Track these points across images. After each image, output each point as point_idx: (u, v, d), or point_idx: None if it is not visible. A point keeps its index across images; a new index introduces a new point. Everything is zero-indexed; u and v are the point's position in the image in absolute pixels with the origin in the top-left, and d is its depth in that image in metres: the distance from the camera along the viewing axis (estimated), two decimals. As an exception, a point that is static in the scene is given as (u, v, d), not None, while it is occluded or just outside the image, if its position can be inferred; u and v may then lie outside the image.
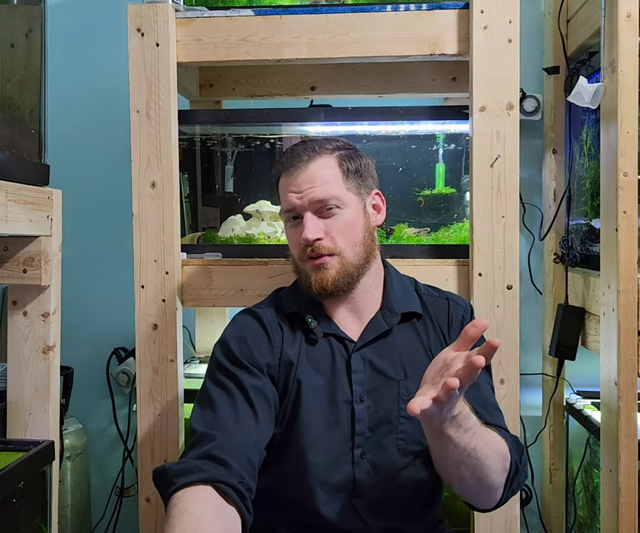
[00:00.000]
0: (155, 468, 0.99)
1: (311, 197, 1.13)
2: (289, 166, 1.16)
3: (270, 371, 1.13)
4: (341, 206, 1.14)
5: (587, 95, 1.45)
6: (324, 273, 1.13)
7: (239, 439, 1.02)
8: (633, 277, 1.41)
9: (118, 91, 1.68)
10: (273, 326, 1.17)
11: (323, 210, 1.14)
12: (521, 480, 1.08)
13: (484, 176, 1.41)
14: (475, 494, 1.05)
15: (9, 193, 1.18)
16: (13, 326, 1.35)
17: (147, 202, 1.44)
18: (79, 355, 1.92)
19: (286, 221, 1.19)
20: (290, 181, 1.15)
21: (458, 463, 0.97)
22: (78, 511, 1.89)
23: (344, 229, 1.14)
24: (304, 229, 1.13)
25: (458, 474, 0.99)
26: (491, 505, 1.07)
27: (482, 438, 0.97)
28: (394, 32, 1.43)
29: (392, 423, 1.13)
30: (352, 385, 1.14)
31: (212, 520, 0.89)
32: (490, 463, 0.98)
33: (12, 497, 1.20)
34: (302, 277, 1.18)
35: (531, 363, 1.96)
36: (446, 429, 0.92)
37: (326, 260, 1.13)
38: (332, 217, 1.14)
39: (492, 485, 1.02)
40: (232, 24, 1.45)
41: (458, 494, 1.09)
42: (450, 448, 0.95)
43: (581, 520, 1.80)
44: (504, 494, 1.05)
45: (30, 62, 1.34)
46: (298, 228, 1.15)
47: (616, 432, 1.42)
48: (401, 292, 1.22)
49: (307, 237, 1.12)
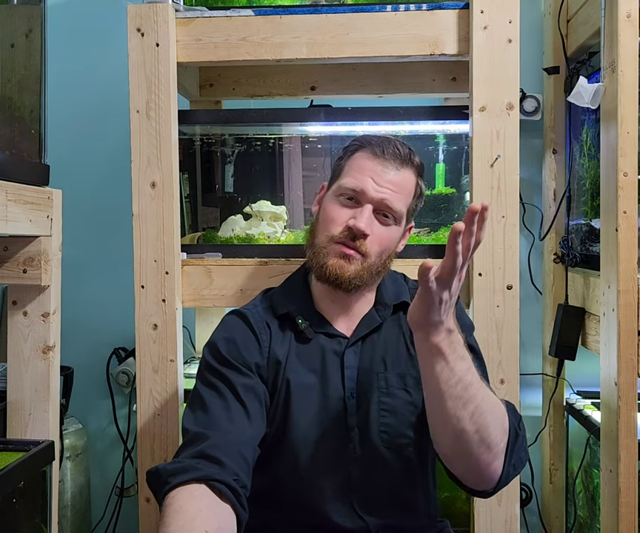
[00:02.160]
0: (149, 470, 0.99)
1: (386, 198, 1.13)
2: (379, 153, 1.15)
3: (260, 371, 1.13)
4: (397, 223, 1.16)
5: (587, 95, 1.45)
6: (346, 264, 1.13)
7: (232, 437, 1.02)
8: (633, 277, 1.41)
9: (118, 91, 1.68)
10: (261, 326, 1.17)
11: (382, 214, 1.14)
12: (522, 455, 1.04)
13: (484, 176, 1.40)
14: (475, 455, 0.98)
15: (9, 193, 1.18)
16: (13, 326, 1.35)
17: (147, 202, 1.44)
18: (79, 355, 1.92)
19: (337, 194, 1.16)
20: (374, 167, 1.14)
21: (455, 398, 0.95)
22: (78, 511, 1.89)
23: (385, 241, 1.15)
24: (360, 218, 1.12)
25: (455, 418, 0.96)
26: (491, 483, 1.01)
27: (479, 381, 0.97)
28: (394, 33, 1.43)
29: (373, 416, 1.13)
30: (345, 381, 1.14)
31: (207, 518, 0.89)
32: (489, 414, 0.96)
33: (12, 497, 1.20)
34: (317, 253, 1.16)
35: (531, 363, 1.96)
36: (441, 343, 0.93)
37: (354, 256, 1.13)
38: (385, 226, 1.15)
39: (492, 443, 0.97)
40: (232, 24, 1.45)
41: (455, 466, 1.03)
42: (446, 373, 0.94)
43: (581, 520, 1.80)
44: (504, 466, 1.00)
45: (29, 62, 1.34)
46: (349, 210, 1.14)
47: (616, 432, 1.42)
48: (392, 285, 1.24)
49: (360, 228, 1.11)
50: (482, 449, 0.98)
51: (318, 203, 1.23)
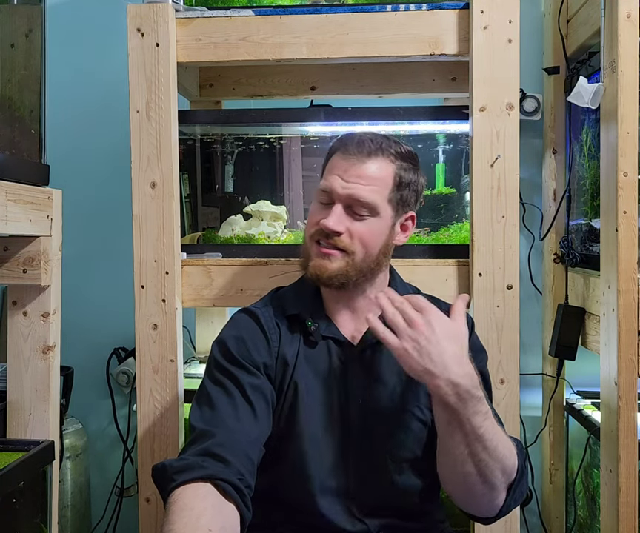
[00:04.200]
0: (155, 465, 0.99)
1: (352, 193, 1.11)
2: (347, 150, 1.14)
3: (268, 371, 1.13)
4: (374, 214, 1.13)
5: (587, 95, 1.45)
6: (326, 263, 1.13)
7: (238, 436, 1.02)
8: (633, 277, 1.41)
9: (118, 91, 1.68)
10: (271, 325, 1.17)
11: (355, 209, 1.12)
12: (523, 488, 1.07)
13: (484, 176, 1.40)
14: (480, 494, 1.02)
15: (9, 193, 1.18)
16: (13, 326, 1.35)
17: (147, 202, 1.44)
18: (79, 355, 1.92)
19: (315, 197, 1.17)
20: (341, 164, 1.13)
21: (465, 446, 0.96)
22: (78, 511, 1.89)
23: (366, 236, 1.13)
24: (329, 216, 1.11)
25: (464, 468, 0.98)
26: (492, 514, 1.06)
27: (492, 429, 0.97)
28: (394, 33, 1.43)
29: (383, 429, 1.13)
30: (349, 389, 1.14)
31: (212, 517, 0.89)
32: (498, 462, 0.98)
33: (12, 497, 1.20)
34: (305, 254, 1.17)
35: (531, 363, 1.96)
36: (455, 405, 0.94)
37: (334, 254, 1.13)
38: (361, 221, 1.13)
39: (497, 485, 1.01)
40: (232, 24, 1.45)
41: (458, 500, 1.07)
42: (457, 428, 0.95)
43: (581, 520, 1.80)
44: (506, 500, 1.04)
45: (29, 62, 1.34)
46: (324, 211, 1.14)
47: (616, 432, 1.42)
48: (403, 289, 1.21)
49: (328, 225, 1.11)
50: (486, 490, 1.01)
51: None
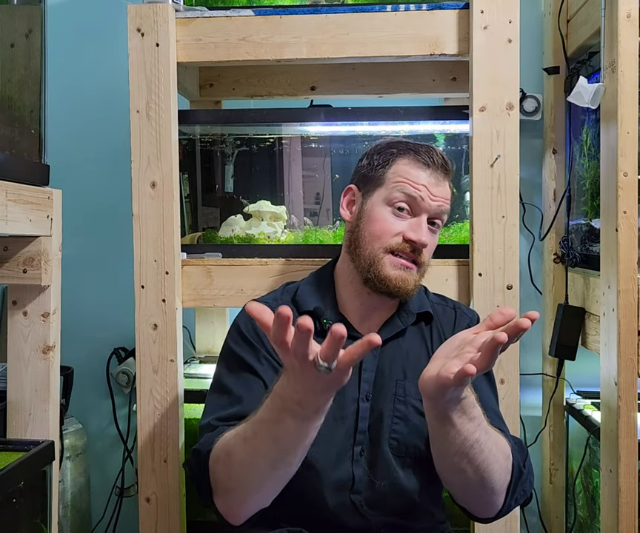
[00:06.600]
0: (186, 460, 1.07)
1: (441, 209, 1.15)
2: (429, 162, 1.14)
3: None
4: (440, 229, 1.19)
5: (587, 95, 1.45)
6: (407, 275, 1.13)
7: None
8: (633, 277, 1.41)
9: (118, 91, 1.68)
10: None
11: (431, 222, 1.16)
12: (526, 488, 1.06)
13: (484, 176, 1.40)
14: (477, 495, 1.02)
15: (9, 193, 1.18)
16: (13, 326, 1.34)
17: (147, 202, 1.44)
18: (79, 355, 1.92)
19: (386, 203, 1.15)
20: (427, 177, 1.14)
21: (460, 454, 0.95)
22: (78, 511, 1.89)
23: (433, 249, 1.19)
24: (420, 231, 1.13)
25: (459, 469, 0.97)
26: (492, 514, 1.05)
27: (487, 432, 0.96)
28: (394, 33, 1.43)
29: (386, 422, 1.14)
30: (361, 383, 1.15)
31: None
32: (493, 460, 0.97)
33: (12, 497, 1.20)
34: (372, 263, 1.14)
35: (531, 363, 1.96)
36: (450, 413, 0.90)
37: (413, 267, 1.14)
38: (434, 234, 1.17)
39: (495, 487, 1.00)
40: (232, 24, 1.45)
41: (458, 498, 1.07)
42: (452, 435, 0.93)
43: (581, 520, 1.80)
44: (506, 500, 1.03)
45: (29, 62, 1.34)
46: (402, 221, 1.14)
47: (616, 432, 1.42)
48: (416, 295, 1.22)
49: (424, 242, 1.13)
50: (484, 492, 1.01)
51: (348, 208, 1.22)
